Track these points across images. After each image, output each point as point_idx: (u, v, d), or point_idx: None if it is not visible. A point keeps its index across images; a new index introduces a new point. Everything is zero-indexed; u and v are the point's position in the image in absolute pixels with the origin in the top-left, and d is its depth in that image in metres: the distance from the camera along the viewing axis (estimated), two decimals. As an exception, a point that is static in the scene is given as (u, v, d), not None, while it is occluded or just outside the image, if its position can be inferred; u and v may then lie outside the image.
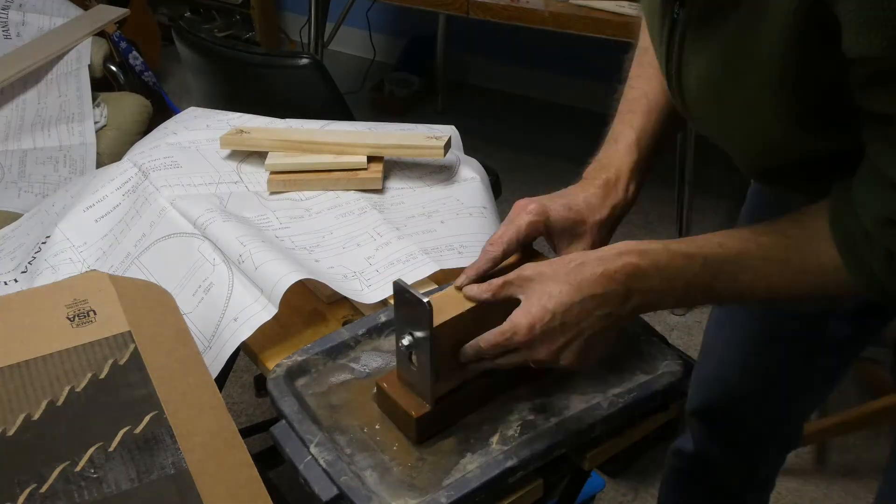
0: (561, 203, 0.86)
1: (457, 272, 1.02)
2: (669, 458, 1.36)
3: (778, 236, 0.74)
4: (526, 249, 0.86)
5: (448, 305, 0.79)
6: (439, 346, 0.78)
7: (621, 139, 0.91)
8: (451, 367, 0.80)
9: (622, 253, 0.75)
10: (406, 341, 0.79)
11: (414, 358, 0.80)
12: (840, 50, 0.62)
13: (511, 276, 0.77)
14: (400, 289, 0.78)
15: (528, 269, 0.77)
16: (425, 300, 0.75)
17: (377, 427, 0.83)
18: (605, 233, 0.88)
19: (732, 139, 0.80)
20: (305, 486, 0.78)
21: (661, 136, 0.92)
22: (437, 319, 0.77)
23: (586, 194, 0.88)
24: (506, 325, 0.75)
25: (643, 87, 0.93)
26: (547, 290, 0.74)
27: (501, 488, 0.79)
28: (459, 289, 0.81)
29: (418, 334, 0.78)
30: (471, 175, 1.22)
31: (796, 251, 0.73)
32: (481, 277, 0.81)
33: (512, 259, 0.84)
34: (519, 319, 0.75)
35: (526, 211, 0.84)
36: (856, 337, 1.10)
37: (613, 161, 0.90)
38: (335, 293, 1.00)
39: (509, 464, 0.78)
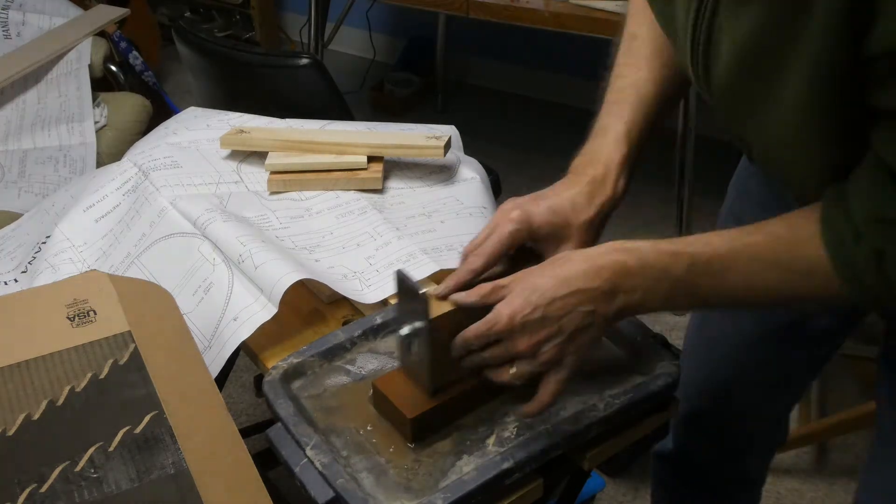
0: (545, 206, 0.84)
1: (457, 272, 1.02)
2: (653, 464, 1.35)
3: (768, 237, 0.74)
4: (519, 251, 0.85)
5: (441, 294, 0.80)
6: (437, 338, 0.79)
7: (610, 131, 0.88)
8: (450, 359, 0.81)
9: (609, 251, 0.75)
10: (406, 330, 0.80)
11: (413, 347, 0.81)
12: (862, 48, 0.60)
13: (504, 280, 0.77)
14: (401, 278, 0.79)
15: (521, 273, 0.77)
16: (422, 290, 0.76)
17: (373, 429, 0.83)
18: (593, 233, 0.87)
19: (761, 125, 0.76)
20: (302, 489, 0.78)
21: (650, 127, 0.90)
22: (436, 311, 0.78)
23: (571, 193, 0.86)
24: (489, 315, 0.75)
25: (632, 75, 0.91)
26: (531, 282, 0.74)
27: (498, 490, 0.78)
28: (442, 298, 0.80)
29: (417, 324, 0.79)
30: (471, 175, 1.22)
31: (785, 252, 0.72)
32: (462, 287, 0.80)
33: (498, 268, 0.84)
34: (501, 308, 0.74)
35: (508, 219, 0.82)
36: (838, 327, 1.09)
37: (601, 155, 0.88)
38: (335, 293, 1.00)
39: (506, 466, 0.78)
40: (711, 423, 1.21)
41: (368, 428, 0.83)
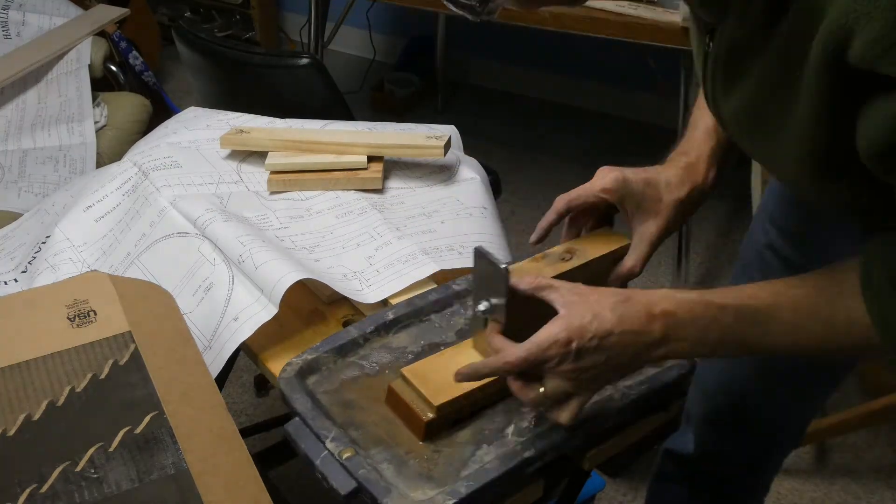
0: (642, 177, 0.89)
1: (457, 272, 1.02)
2: (662, 460, 1.35)
3: (809, 290, 0.75)
4: (602, 220, 0.92)
5: (525, 275, 0.81)
6: (514, 313, 0.80)
7: (700, 125, 0.94)
8: (524, 335, 0.81)
9: (663, 298, 0.76)
10: (483, 307, 0.81)
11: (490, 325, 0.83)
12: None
13: (559, 283, 0.78)
14: (480, 254, 0.81)
15: (579, 287, 0.77)
16: (503, 265, 0.78)
17: (390, 422, 0.84)
18: (681, 215, 0.91)
19: (768, 165, 0.83)
20: (323, 481, 0.78)
21: None
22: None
23: (667, 174, 0.91)
24: (542, 335, 0.74)
25: None
26: (591, 310, 0.74)
27: (519, 478, 0.79)
28: (534, 243, 0.88)
29: (495, 300, 0.80)
30: (471, 175, 1.22)
31: (826, 305, 0.73)
32: (546, 230, 0.90)
33: (569, 243, 0.90)
34: (557, 331, 0.74)
35: (605, 179, 0.88)
36: None
37: (693, 146, 0.93)
38: (335, 293, 1.00)
39: (527, 454, 0.79)
40: (735, 427, 1.21)
41: (386, 421, 0.84)
